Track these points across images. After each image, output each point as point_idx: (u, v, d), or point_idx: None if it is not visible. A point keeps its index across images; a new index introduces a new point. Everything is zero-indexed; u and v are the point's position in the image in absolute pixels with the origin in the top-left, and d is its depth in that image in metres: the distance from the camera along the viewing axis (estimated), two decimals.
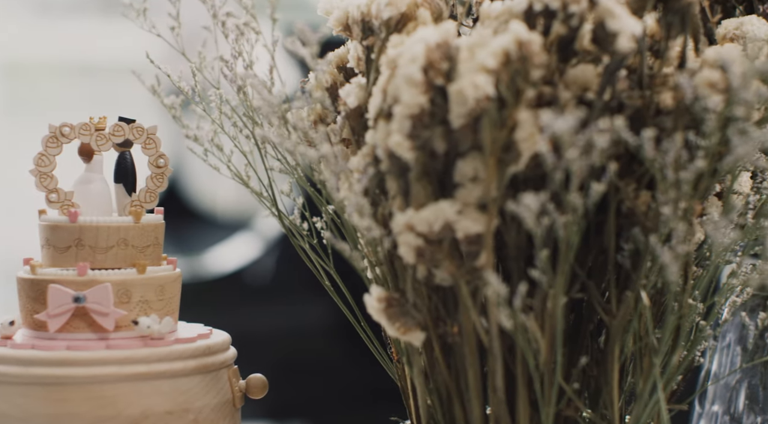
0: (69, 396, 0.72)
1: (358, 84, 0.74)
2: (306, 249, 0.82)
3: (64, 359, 0.72)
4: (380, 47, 0.72)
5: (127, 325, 0.76)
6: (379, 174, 0.69)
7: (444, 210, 0.66)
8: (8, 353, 0.74)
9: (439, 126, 0.67)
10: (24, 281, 0.77)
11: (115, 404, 0.72)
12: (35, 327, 0.76)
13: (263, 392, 0.80)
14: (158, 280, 0.77)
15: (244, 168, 0.84)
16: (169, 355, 0.74)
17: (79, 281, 0.75)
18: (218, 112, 0.83)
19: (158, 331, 0.75)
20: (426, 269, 0.69)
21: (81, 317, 0.75)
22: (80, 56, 3.58)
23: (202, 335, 0.78)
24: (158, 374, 0.73)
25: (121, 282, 0.75)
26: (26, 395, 0.72)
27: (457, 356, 0.71)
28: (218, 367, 0.77)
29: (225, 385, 0.77)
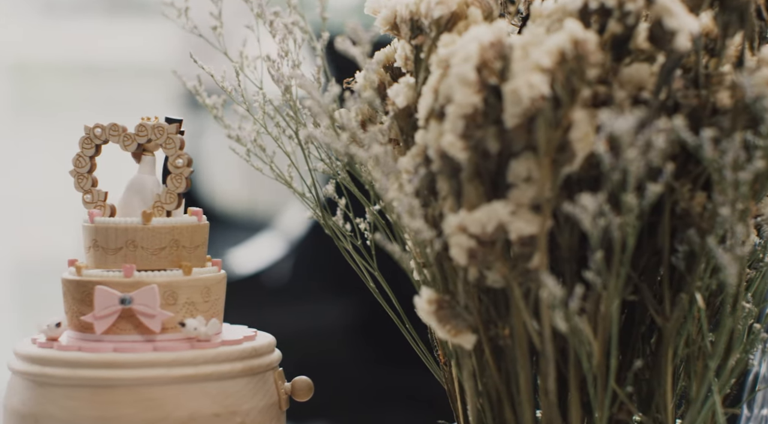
0: (117, 398, 0.71)
1: (406, 84, 0.73)
2: (350, 250, 0.82)
3: (112, 361, 0.72)
4: (430, 46, 0.72)
5: (174, 327, 0.75)
6: (430, 175, 0.69)
7: (497, 211, 0.65)
8: (55, 355, 0.73)
9: (492, 126, 0.66)
10: (69, 282, 0.76)
11: (163, 406, 0.71)
12: (81, 329, 0.76)
13: (309, 395, 0.79)
14: (204, 281, 0.77)
15: (287, 169, 0.83)
16: (216, 357, 0.74)
17: (125, 282, 0.74)
18: (261, 112, 0.82)
19: (205, 333, 0.74)
20: (477, 271, 0.68)
21: (127, 318, 0.74)
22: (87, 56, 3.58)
23: (247, 337, 0.77)
24: (206, 377, 0.73)
25: (168, 284, 0.75)
26: (73, 397, 0.72)
27: (508, 359, 0.70)
28: (264, 369, 0.77)
29: (271, 387, 0.77)
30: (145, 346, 0.73)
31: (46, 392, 0.73)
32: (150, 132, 0.82)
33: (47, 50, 3.57)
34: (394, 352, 1.67)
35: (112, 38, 3.55)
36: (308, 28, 0.72)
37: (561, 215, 0.68)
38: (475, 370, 0.72)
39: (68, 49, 3.57)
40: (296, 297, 1.96)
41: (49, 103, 3.59)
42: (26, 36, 3.43)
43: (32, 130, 3.48)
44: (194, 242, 0.79)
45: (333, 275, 1.77)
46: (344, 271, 1.79)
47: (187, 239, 0.78)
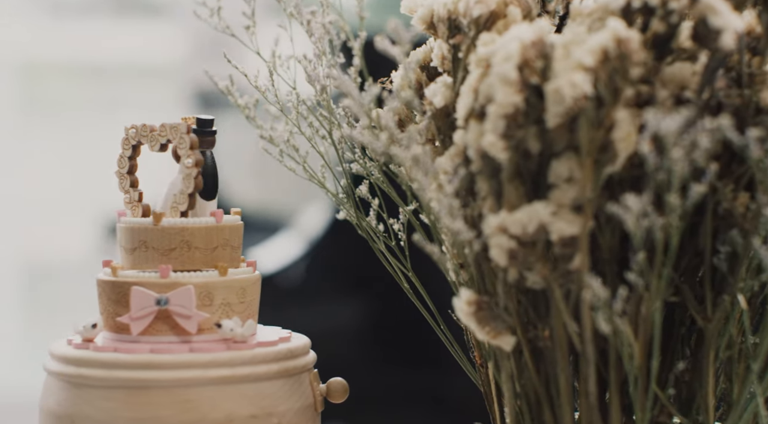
0: (153, 400, 0.71)
1: (444, 83, 0.73)
2: (384, 251, 0.81)
3: (149, 363, 0.71)
4: (468, 46, 0.71)
5: (210, 328, 0.75)
6: (470, 175, 0.68)
7: (538, 211, 0.65)
8: (91, 356, 0.73)
9: (533, 126, 0.65)
10: (105, 283, 0.76)
11: (200, 407, 0.71)
12: (117, 330, 0.75)
13: (344, 396, 0.79)
14: (240, 282, 0.76)
15: (320, 169, 0.83)
16: (253, 358, 0.73)
17: (161, 283, 0.74)
18: (295, 112, 0.82)
19: (241, 334, 0.74)
20: (517, 272, 0.67)
21: (163, 319, 0.74)
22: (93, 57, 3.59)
23: (283, 339, 0.77)
24: (242, 378, 0.72)
25: (204, 284, 0.74)
26: (110, 398, 0.71)
27: (547, 361, 0.69)
28: (300, 370, 0.76)
29: (307, 389, 0.76)
30: (181, 347, 0.73)
31: (83, 393, 0.72)
32: (168, 132, 0.82)
33: (54, 51, 3.58)
34: (405, 353, 1.66)
35: (119, 39, 3.55)
36: (347, 27, 0.71)
37: (602, 216, 0.68)
38: (513, 372, 0.71)
39: (75, 49, 3.58)
40: (310, 297, 1.96)
41: (55, 103, 3.60)
42: (33, 36, 3.44)
43: (38, 131, 3.49)
44: (210, 244, 0.77)
45: (346, 275, 1.77)
46: (357, 272, 1.79)
47: (200, 241, 0.77)
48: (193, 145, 0.81)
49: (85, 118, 3.50)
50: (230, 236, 0.78)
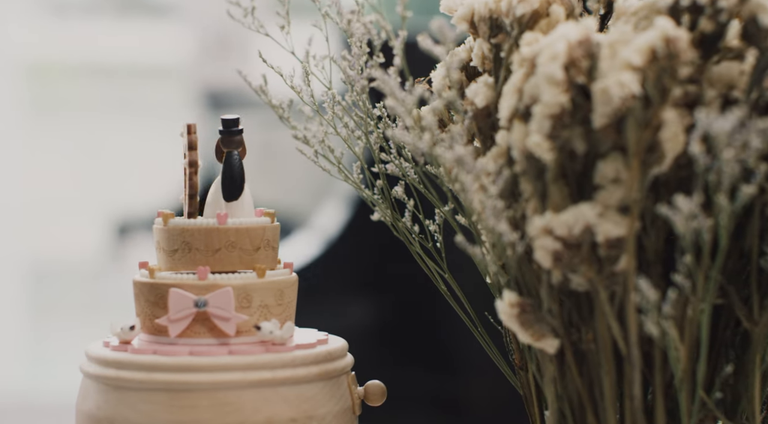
0: (194, 403, 0.70)
1: (485, 83, 0.72)
2: (420, 253, 0.81)
3: (188, 365, 0.71)
4: (511, 45, 0.70)
5: (248, 330, 0.74)
6: (513, 176, 0.67)
7: (584, 213, 0.64)
8: (130, 359, 0.72)
9: (579, 126, 0.65)
10: (143, 285, 0.75)
11: (241, 410, 0.70)
12: (155, 332, 0.75)
13: (382, 399, 0.78)
14: (278, 284, 0.75)
15: (355, 170, 0.82)
16: (293, 361, 0.72)
17: (200, 285, 0.73)
18: (331, 112, 0.81)
19: (280, 336, 0.73)
20: (561, 274, 0.66)
21: (202, 321, 0.73)
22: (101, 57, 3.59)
23: (320, 341, 0.76)
24: (282, 381, 0.72)
25: (242, 286, 0.74)
26: (150, 401, 0.71)
27: (590, 364, 0.69)
28: (339, 373, 0.75)
29: (345, 391, 0.76)
30: (220, 349, 0.72)
31: (122, 395, 0.72)
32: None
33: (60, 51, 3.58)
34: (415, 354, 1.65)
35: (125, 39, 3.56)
36: (388, 26, 0.71)
37: (647, 217, 0.67)
38: (555, 375, 0.70)
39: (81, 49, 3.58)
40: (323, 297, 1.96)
41: (61, 103, 3.60)
42: (40, 37, 3.45)
43: (45, 130, 3.49)
44: (212, 246, 0.76)
45: (359, 276, 1.76)
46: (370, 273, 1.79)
47: (201, 242, 0.76)
48: (190, 145, 0.80)
49: (91, 119, 3.51)
50: (271, 237, 0.77)
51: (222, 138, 0.82)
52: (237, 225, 0.77)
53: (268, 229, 0.78)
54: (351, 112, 0.81)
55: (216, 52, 3.35)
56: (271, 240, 0.78)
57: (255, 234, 0.76)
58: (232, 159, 0.82)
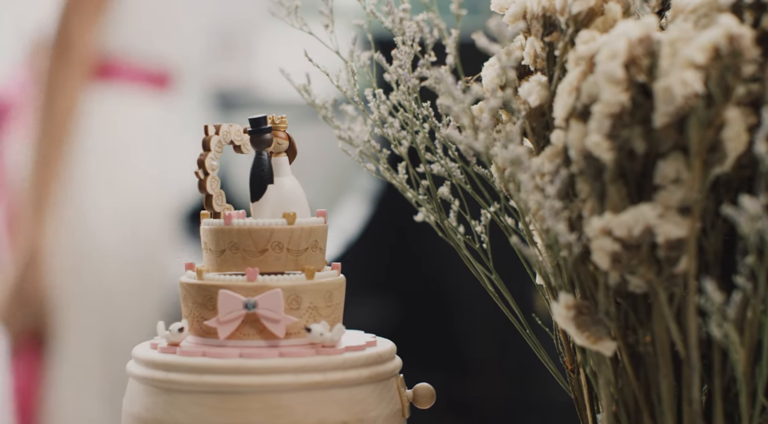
0: (245, 405, 0.69)
1: (538, 82, 0.71)
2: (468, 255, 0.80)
3: (239, 367, 0.70)
4: (566, 43, 0.69)
5: (297, 332, 0.73)
6: (570, 176, 0.66)
7: (644, 213, 0.63)
8: (180, 361, 0.71)
9: (639, 125, 0.64)
10: (191, 286, 0.74)
11: (292, 414, 0.69)
12: (203, 334, 0.74)
13: (431, 402, 0.77)
14: (327, 286, 0.74)
15: (400, 170, 0.81)
16: (344, 363, 0.71)
17: (249, 286, 0.72)
18: (377, 112, 0.80)
19: (331, 338, 0.72)
20: (619, 276, 0.65)
21: (251, 323, 0.72)
22: None
23: (369, 343, 0.75)
24: (333, 383, 0.71)
25: (292, 288, 0.73)
26: (200, 403, 0.70)
27: (647, 367, 0.68)
28: (389, 376, 0.74)
29: (395, 394, 0.75)
30: (270, 351, 0.71)
31: (172, 398, 0.71)
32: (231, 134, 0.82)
33: None
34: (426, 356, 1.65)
35: None
36: (442, 24, 0.70)
37: (707, 218, 0.66)
38: (611, 378, 0.69)
39: None
40: None
41: None
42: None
43: None
44: (219, 246, 0.75)
45: (372, 278, 1.75)
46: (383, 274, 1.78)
47: (212, 243, 0.75)
48: (203, 146, 0.80)
49: None
50: (319, 238, 0.76)
51: (250, 138, 0.81)
52: (239, 226, 0.76)
53: (321, 229, 0.77)
54: (396, 112, 0.80)
55: (221, 52, 3.35)
56: (319, 241, 0.77)
57: (259, 235, 0.75)
58: (255, 159, 0.81)
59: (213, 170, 0.79)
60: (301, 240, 0.75)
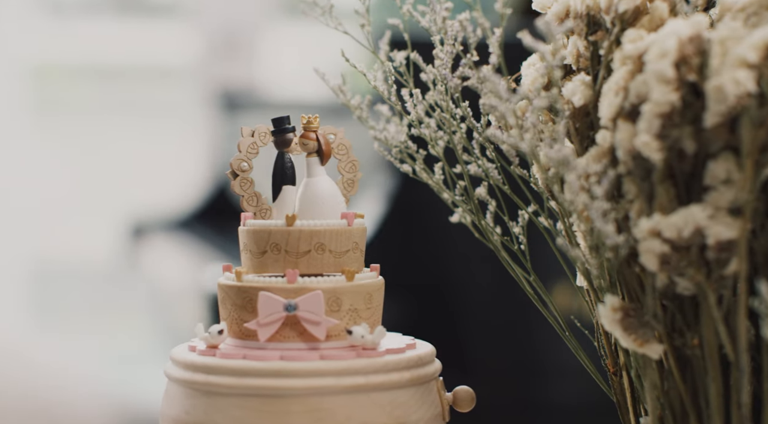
0: (287, 408, 0.68)
1: (582, 82, 0.70)
2: (506, 257, 0.79)
3: (281, 370, 0.69)
4: (611, 42, 0.69)
5: (338, 334, 0.72)
6: (617, 176, 0.66)
7: (694, 215, 0.62)
8: (220, 364, 0.70)
9: (689, 125, 0.63)
10: (230, 288, 0.74)
11: (334, 416, 0.68)
12: (242, 336, 0.73)
13: (471, 405, 0.76)
14: (366, 287, 0.74)
15: (438, 171, 0.81)
16: (385, 366, 0.71)
17: (289, 288, 0.71)
18: (414, 113, 0.79)
19: (372, 341, 0.71)
20: (667, 277, 0.65)
21: (291, 325, 0.71)
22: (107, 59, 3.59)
23: (409, 345, 0.74)
24: (375, 386, 0.70)
25: (332, 290, 0.72)
26: (243, 406, 0.69)
27: (695, 370, 0.67)
28: (429, 378, 0.74)
29: (435, 397, 0.74)
30: (311, 354, 0.70)
31: (213, 401, 0.70)
32: None
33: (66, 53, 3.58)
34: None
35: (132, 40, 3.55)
36: (486, 23, 0.69)
37: (757, 219, 0.65)
38: (657, 381, 0.68)
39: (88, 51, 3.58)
40: None
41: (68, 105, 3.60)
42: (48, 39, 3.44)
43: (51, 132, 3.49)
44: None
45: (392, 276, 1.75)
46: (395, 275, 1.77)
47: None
48: (238, 147, 0.79)
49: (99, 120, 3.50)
50: (359, 240, 0.76)
51: (273, 138, 0.80)
52: (251, 226, 0.76)
53: (361, 231, 0.76)
54: (433, 111, 0.79)
55: (224, 52, 3.35)
56: (359, 242, 0.76)
57: (259, 236, 0.75)
58: (275, 160, 0.80)
59: (242, 172, 0.78)
60: (301, 242, 0.74)
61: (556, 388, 1.80)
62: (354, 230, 0.76)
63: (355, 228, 0.76)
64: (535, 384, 1.79)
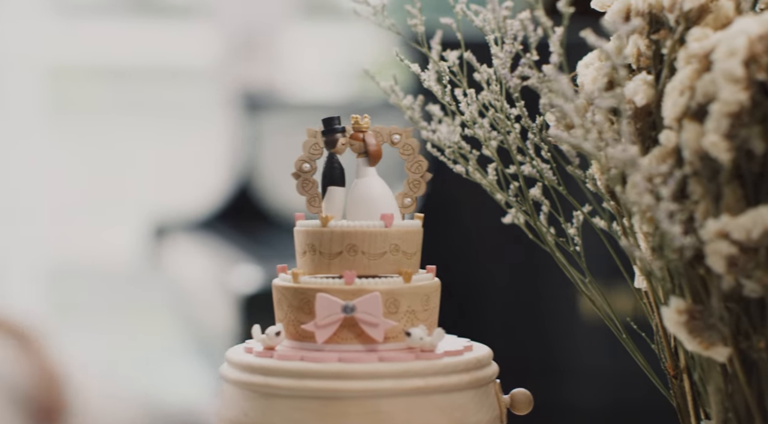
0: (346, 411, 0.68)
1: (644, 81, 0.69)
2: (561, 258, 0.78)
3: (340, 372, 0.68)
4: (675, 41, 0.68)
5: (395, 336, 0.71)
6: (683, 177, 0.65)
7: (764, 216, 0.61)
8: (279, 365, 0.70)
9: (758, 125, 0.62)
10: (286, 289, 0.73)
11: (393, 419, 0.68)
12: (300, 338, 0.72)
13: (529, 408, 0.76)
14: (424, 289, 0.73)
15: (491, 171, 0.80)
16: (444, 368, 0.70)
17: (347, 289, 0.71)
18: (468, 113, 0.78)
19: (431, 343, 0.71)
20: (734, 279, 0.64)
21: (349, 327, 0.71)
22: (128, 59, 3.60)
23: (466, 348, 0.73)
24: (435, 389, 0.69)
25: (390, 291, 0.71)
26: (301, 408, 0.68)
27: (761, 373, 0.66)
28: (487, 381, 0.73)
29: (493, 400, 0.73)
30: (369, 356, 0.70)
31: (272, 403, 0.69)
32: None
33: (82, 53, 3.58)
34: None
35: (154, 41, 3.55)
36: (548, 22, 0.68)
37: None
38: (722, 385, 0.68)
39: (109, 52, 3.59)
40: None
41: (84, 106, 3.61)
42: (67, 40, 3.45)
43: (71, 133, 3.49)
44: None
45: None
46: None
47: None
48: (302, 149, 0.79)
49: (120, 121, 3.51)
50: (401, 241, 0.75)
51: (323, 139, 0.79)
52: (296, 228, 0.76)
53: (393, 233, 0.75)
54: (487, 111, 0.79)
55: (244, 53, 3.35)
56: (401, 244, 0.75)
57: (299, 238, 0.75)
58: (325, 160, 0.79)
59: (304, 173, 0.78)
60: (333, 243, 0.73)
61: (571, 390, 1.79)
62: (392, 232, 0.74)
63: (395, 230, 0.74)
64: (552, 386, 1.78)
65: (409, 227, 0.76)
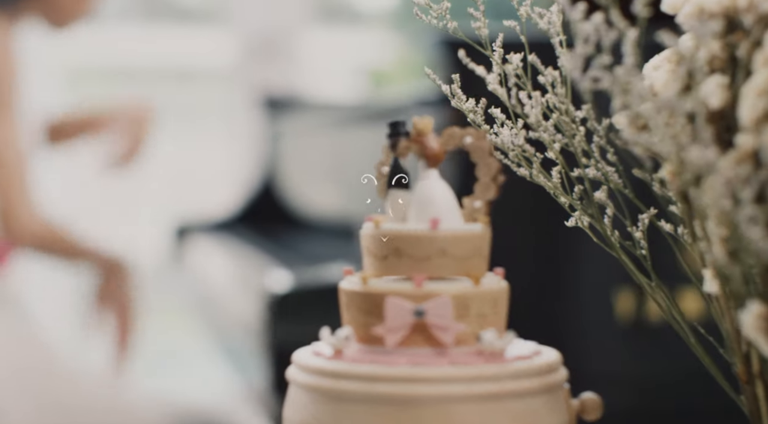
0: (417, 415, 0.67)
1: (719, 83, 0.69)
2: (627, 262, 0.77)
3: (412, 376, 0.68)
4: (752, 43, 0.67)
5: (465, 340, 0.71)
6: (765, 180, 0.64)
7: None
8: (350, 369, 0.69)
9: None
10: (354, 293, 0.72)
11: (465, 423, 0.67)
12: (368, 341, 0.72)
13: (599, 413, 0.75)
14: (493, 293, 0.72)
15: (555, 175, 0.79)
16: (516, 372, 0.69)
17: (417, 293, 0.70)
18: (533, 116, 0.78)
19: (501, 347, 0.70)
20: None
21: (418, 331, 0.70)
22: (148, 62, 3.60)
23: (535, 352, 0.73)
24: (507, 394, 0.69)
25: (460, 295, 0.71)
26: (374, 413, 0.68)
27: None
28: (558, 385, 0.72)
29: (563, 405, 0.72)
30: (440, 360, 0.69)
31: (343, 407, 0.69)
32: None
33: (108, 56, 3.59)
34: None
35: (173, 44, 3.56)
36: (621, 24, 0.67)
37: None
38: None
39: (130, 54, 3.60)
40: None
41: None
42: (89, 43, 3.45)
43: None
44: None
45: None
46: None
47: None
48: None
49: None
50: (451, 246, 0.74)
51: None
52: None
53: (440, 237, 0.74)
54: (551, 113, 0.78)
55: (263, 56, 3.35)
56: (449, 249, 0.74)
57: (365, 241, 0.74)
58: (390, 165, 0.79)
59: (383, 176, 0.77)
60: (382, 246, 0.73)
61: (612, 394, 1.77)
62: (438, 236, 0.73)
63: (442, 233, 0.73)
64: None
65: (460, 231, 0.74)
